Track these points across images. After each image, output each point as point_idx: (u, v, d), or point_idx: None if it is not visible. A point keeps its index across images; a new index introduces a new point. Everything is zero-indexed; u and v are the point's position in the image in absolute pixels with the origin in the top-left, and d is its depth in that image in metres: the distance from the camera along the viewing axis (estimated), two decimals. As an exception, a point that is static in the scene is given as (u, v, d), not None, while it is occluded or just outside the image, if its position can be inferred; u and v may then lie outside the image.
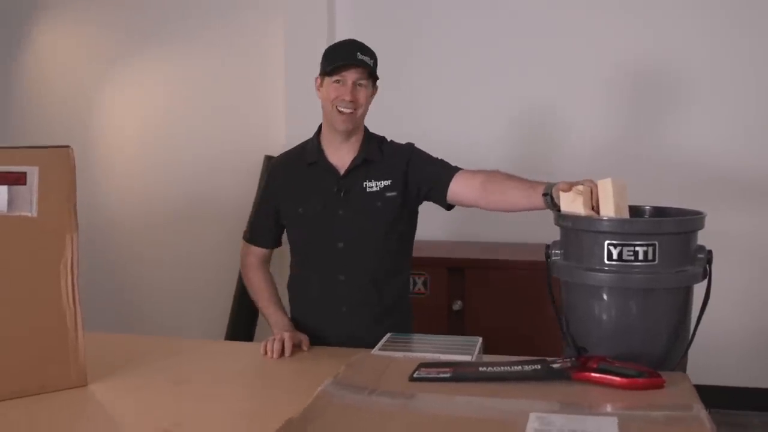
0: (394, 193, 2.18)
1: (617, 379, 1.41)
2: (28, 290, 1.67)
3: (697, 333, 1.63)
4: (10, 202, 1.63)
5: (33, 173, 1.65)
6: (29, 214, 1.65)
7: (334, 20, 3.92)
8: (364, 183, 2.18)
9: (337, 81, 2.11)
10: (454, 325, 3.30)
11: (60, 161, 1.69)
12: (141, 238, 4.35)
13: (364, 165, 2.19)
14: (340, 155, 2.20)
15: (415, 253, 3.34)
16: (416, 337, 1.89)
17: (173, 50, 4.23)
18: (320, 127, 2.26)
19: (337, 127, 2.15)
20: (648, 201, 1.81)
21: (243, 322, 3.79)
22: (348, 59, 2.10)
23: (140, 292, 4.38)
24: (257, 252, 2.31)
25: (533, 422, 1.25)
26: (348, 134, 2.18)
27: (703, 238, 1.65)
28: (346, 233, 2.16)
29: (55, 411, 1.60)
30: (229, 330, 3.79)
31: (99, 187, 4.38)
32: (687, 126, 3.65)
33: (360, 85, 2.12)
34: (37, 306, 1.68)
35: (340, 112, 2.12)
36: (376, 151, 2.22)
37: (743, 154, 3.61)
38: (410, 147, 2.28)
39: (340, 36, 3.83)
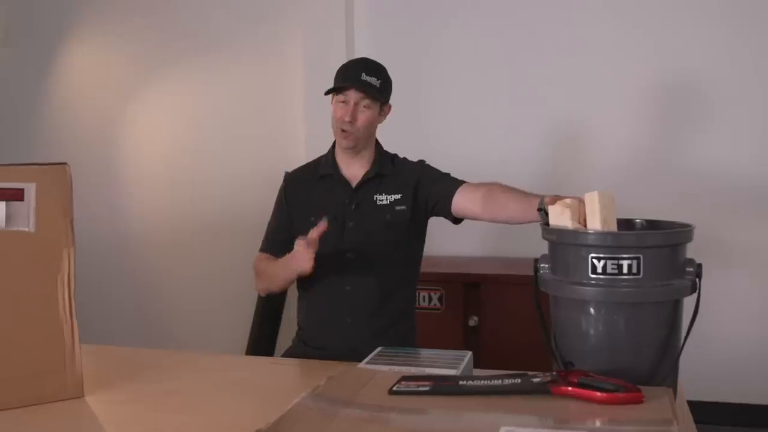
0: (403, 207, 2.22)
1: (596, 393, 1.40)
2: (26, 303, 1.71)
3: (713, 348, 1.61)
4: (8, 218, 1.68)
5: (30, 189, 1.70)
6: (27, 230, 1.69)
7: (353, 36, 3.96)
8: (375, 196, 2.23)
9: (341, 101, 2.17)
10: (470, 341, 3.28)
11: (57, 178, 1.73)
12: (165, 253, 4.43)
13: (376, 178, 2.25)
14: (354, 169, 2.27)
15: (431, 269, 3.37)
16: (407, 350, 1.89)
17: (196, 69, 4.31)
18: (335, 141, 2.32)
19: (340, 144, 2.23)
20: (675, 214, 1.79)
21: (264, 335, 3.82)
22: (350, 80, 2.16)
23: (164, 306, 4.46)
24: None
25: (502, 436, 1.24)
26: (355, 151, 2.24)
27: (724, 251, 1.62)
28: (355, 245, 2.21)
29: (51, 422, 1.63)
30: (251, 344, 3.83)
31: (124, 203, 4.48)
32: (715, 139, 3.60)
33: (364, 105, 2.16)
34: (34, 319, 1.71)
35: (342, 130, 2.18)
36: (389, 166, 2.28)
37: None
38: (421, 164, 2.33)
39: (359, 52, 3.90)
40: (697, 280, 1.59)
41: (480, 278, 3.37)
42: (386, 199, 2.22)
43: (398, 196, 2.23)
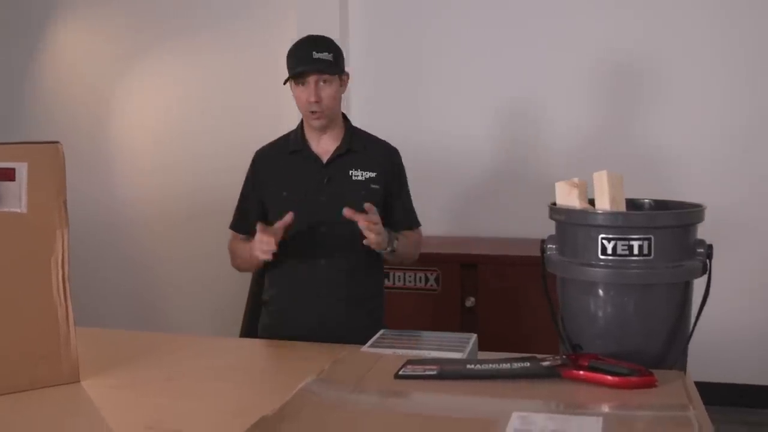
0: (377, 186, 2.25)
1: (608, 377, 1.37)
2: (19, 286, 1.66)
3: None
4: (-1, 198, 1.63)
5: (22, 169, 1.64)
6: (18, 210, 1.64)
7: (347, 14, 3.92)
8: (350, 171, 2.25)
9: (301, 84, 2.18)
10: (467, 322, 3.26)
11: (49, 157, 1.67)
12: (156, 235, 4.39)
13: (348, 154, 2.27)
14: (323, 145, 2.29)
15: (427, 249, 3.32)
16: (409, 333, 1.85)
17: (187, 49, 4.26)
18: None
19: (313, 126, 2.25)
20: (634, 193, 1.76)
21: (258, 318, 3.78)
22: (304, 63, 2.17)
23: (156, 289, 4.42)
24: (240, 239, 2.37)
25: (514, 422, 1.21)
26: (325, 127, 2.26)
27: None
28: (328, 219, 2.20)
29: (46, 407, 1.60)
30: (244, 326, 3.78)
31: (115, 184, 4.43)
32: (668, 118, 3.66)
33: (324, 81, 2.17)
34: (27, 302, 1.67)
35: (311, 112, 2.20)
36: (360, 143, 2.30)
37: (729, 146, 3.63)
38: (396, 154, 2.37)
39: (353, 30, 3.87)
40: (708, 261, 1.56)
41: (477, 258, 3.35)
42: (362, 176, 2.25)
43: (373, 175, 2.25)
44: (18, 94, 4.59)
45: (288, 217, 2.08)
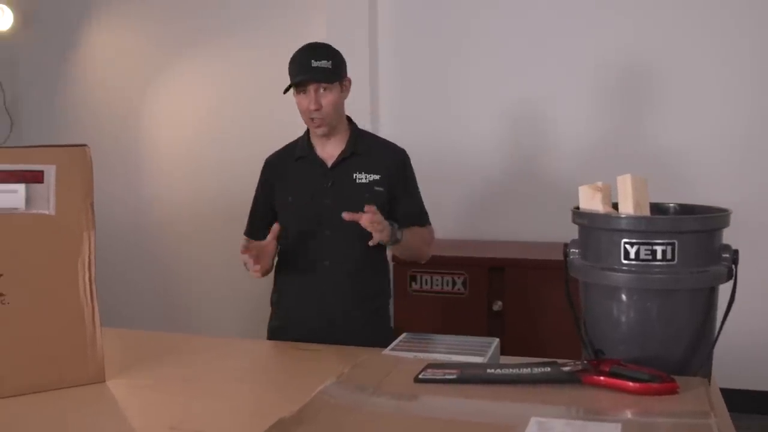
0: (381, 189, 2.28)
1: (628, 383, 1.35)
2: (46, 287, 1.69)
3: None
4: (28, 200, 1.66)
5: (50, 172, 1.68)
6: (47, 212, 1.68)
7: (376, 16, 3.93)
8: (354, 174, 2.28)
9: (302, 92, 2.22)
10: (494, 327, 3.24)
11: (77, 160, 1.71)
12: (183, 238, 4.43)
13: (352, 157, 2.30)
14: (328, 149, 2.33)
15: (454, 252, 3.35)
16: (430, 337, 1.85)
17: (216, 51, 4.31)
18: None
19: (315, 132, 2.29)
20: (654, 196, 1.74)
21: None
22: (304, 72, 2.21)
23: (183, 291, 4.46)
24: None
25: (532, 427, 1.20)
26: (328, 134, 2.29)
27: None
28: (333, 222, 2.22)
29: (72, 406, 1.62)
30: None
31: (143, 186, 4.48)
32: (684, 119, 3.64)
33: (324, 89, 2.21)
34: (54, 303, 1.70)
35: (311, 119, 2.24)
36: (364, 146, 2.33)
37: (742, 146, 3.60)
38: (403, 155, 2.39)
39: (382, 34, 3.88)
40: (734, 266, 1.53)
41: (504, 262, 3.33)
42: (365, 178, 2.27)
43: (377, 177, 2.28)
44: (50, 96, 4.67)
45: (275, 228, 2.15)
